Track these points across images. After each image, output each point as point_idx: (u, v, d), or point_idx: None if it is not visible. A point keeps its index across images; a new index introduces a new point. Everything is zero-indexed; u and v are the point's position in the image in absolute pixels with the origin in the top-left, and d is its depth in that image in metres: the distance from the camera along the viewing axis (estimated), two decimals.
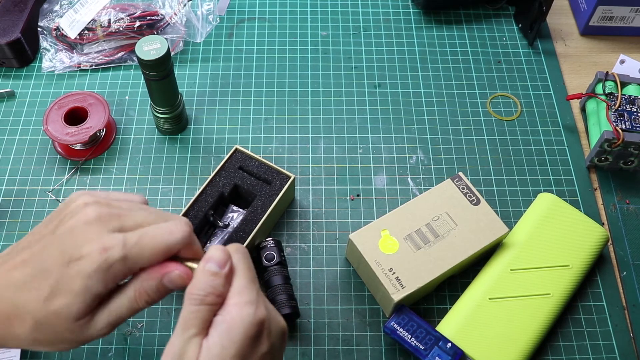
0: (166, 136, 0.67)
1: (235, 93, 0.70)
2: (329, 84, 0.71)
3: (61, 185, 0.63)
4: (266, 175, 0.58)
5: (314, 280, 0.57)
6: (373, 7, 0.79)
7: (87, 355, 0.53)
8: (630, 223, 0.62)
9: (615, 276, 0.59)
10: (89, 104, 0.64)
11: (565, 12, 0.81)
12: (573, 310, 0.57)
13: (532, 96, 0.71)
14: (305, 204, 0.62)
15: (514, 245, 0.57)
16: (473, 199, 0.57)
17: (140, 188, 0.63)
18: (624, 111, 0.63)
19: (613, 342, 0.55)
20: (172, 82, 0.60)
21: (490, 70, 0.74)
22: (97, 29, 0.70)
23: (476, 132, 0.68)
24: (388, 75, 0.73)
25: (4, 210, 0.61)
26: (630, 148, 0.62)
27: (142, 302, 0.38)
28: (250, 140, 0.67)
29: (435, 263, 0.53)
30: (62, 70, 0.71)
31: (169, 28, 0.72)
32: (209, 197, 0.57)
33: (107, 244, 0.36)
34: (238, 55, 0.74)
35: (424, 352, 0.50)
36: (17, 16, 0.70)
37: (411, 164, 0.65)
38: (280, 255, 0.55)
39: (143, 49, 0.56)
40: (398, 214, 0.56)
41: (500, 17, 0.79)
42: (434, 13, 0.79)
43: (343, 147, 0.66)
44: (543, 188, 0.64)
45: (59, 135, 0.62)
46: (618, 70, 0.69)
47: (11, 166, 0.64)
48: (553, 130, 0.69)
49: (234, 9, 0.79)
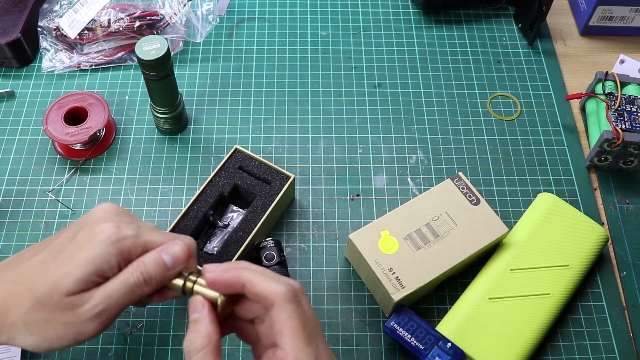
0: (166, 136, 0.67)
1: (235, 93, 0.70)
2: (329, 84, 0.71)
3: (61, 185, 0.63)
4: (266, 175, 0.58)
5: (313, 280, 0.57)
6: (373, 7, 0.79)
7: (87, 355, 0.53)
8: (630, 223, 0.62)
9: (615, 276, 0.59)
10: (89, 104, 0.64)
11: (565, 12, 0.81)
12: (573, 310, 0.57)
13: (532, 96, 0.71)
14: (305, 204, 0.62)
15: (514, 245, 0.57)
16: (473, 199, 0.57)
17: (140, 188, 0.63)
18: (624, 111, 0.64)
19: (613, 342, 0.55)
20: (172, 82, 0.60)
21: (490, 70, 0.74)
22: (97, 29, 0.70)
23: (476, 132, 0.68)
24: (388, 75, 0.73)
25: (3, 210, 0.61)
26: (630, 148, 0.62)
27: (137, 274, 0.38)
28: (250, 140, 0.67)
29: (435, 263, 0.53)
30: (62, 70, 0.71)
31: (169, 28, 0.72)
32: (208, 197, 0.57)
33: (122, 225, 0.38)
34: (238, 55, 0.74)
35: (424, 352, 0.50)
36: (17, 16, 0.70)
37: (411, 164, 0.65)
38: (280, 255, 0.55)
39: (143, 49, 0.56)
40: (398, 214, 0.56)
41: (500, 17, 0.79)
42: (434, 13, 0.79)
43: (343, 147, 0.66)
44: (543, 188, 0.64)
45: (59, 135, 0.62)
46: (618, 70, 0.69)
47: (11, 166, 0.64)
48: (553, 130, 0.69)
49: (234, 9, 0.79)
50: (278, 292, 0.36)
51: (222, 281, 0.38)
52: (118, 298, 0.38)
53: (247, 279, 0.37)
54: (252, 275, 0.37)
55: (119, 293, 0.38)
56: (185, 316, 0.55)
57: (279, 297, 0.36)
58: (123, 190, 0.62)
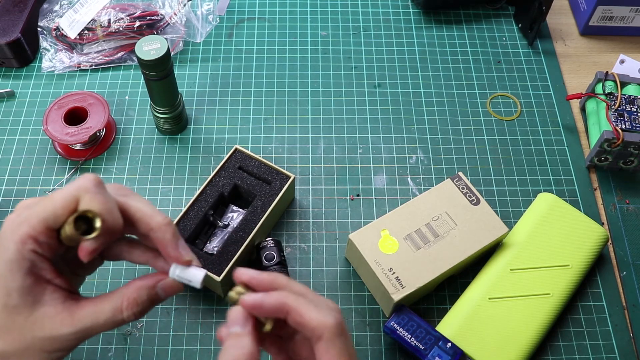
0: (166, 136, 0.67)
1: (235, 93, 0.70)
2: (329, 84, 0.71)
3: (61, 185, 0.63)
4: (266, 175, 0.58)
5: (314, 280, 0.57)
6: (373, 7, 0.79)
7: (87, 355, 0.53)
8: (630, 223, 0.62)
9: (615, 276, 0.59)
10: (89, 104, 0.64)
11: (565, 12, 0.81)
12: (573, 310, 0.57)
13: (532, 96, 0.71)
14: (305, 204, 0.62)
15: (514, 245, 0.57)
16: (473, 199, 0.57)
17: (140, 188, 0.63)
18: (624, 111, 0.64)
19: (613, 342, 0.55)
20: (172, 82, 0.60)
21: (490, 70, 0.74)
22: (97, 29, 0.70)
23: (476, 132, 0.68)
24: (388, 75, 0.73)
25: (3, 210, 0.61)
26: (630, 148, 0.62)
27: (128, 313, 0.37)
28: (250, 140, 0.67)
29: (435, 263, 0.53)
30: (62, 70, 0.71)
31: (169, 28, 0.72)
32: (209, 197, 0.57)
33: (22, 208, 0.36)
34: (238, 55, 0.74)
35: (424, 352, 0.50)
36: (17, 16, 0.70)
37: (411, 164, 0.65)
38: (280, 255, 0.55)
39: (143, 49, 0.56)
40: (398, 214, 0.56)
41: (500, 17, 0.79)
42: (434, 13, 0.79)
43: (343, 147, 0.66)
44: (543, 188, 0.64)
45: (59, 135, 0.62)
46: (618, 70, 0.69)
47: (11, 166, 0.64)
48: (553, 130, 0.69)
49: (234, 9, 0.79)
50: (327, 325, 0.35)
51: (265, 308, 0.36)
52: (100, 328, 0.37)
53: (293, 306, 0.35)
54: (297, 303, 0.35)
55: (104, 327, 0.37)
56: (185, 316, 0.55)
57: (328, 331, 0.35)
58: None
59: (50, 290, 0.37)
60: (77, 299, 0.37)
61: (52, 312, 0.36)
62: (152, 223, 0.37)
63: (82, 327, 0.36)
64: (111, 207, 0.36)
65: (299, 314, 0.35)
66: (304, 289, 0.37)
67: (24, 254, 0.35)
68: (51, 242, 0.36)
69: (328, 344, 0.35)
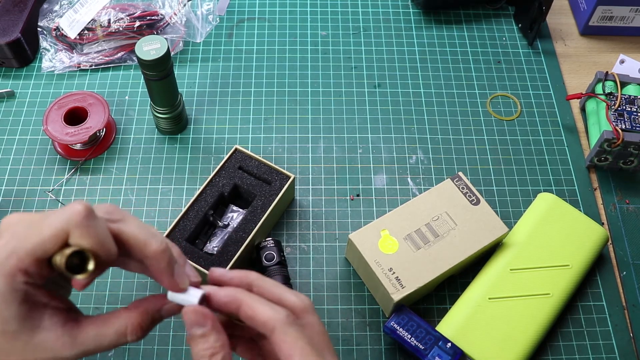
0: (166, 136, 0.67)
1: (235, 93, 0.70)
2: (329, 84, 0.71)
3: (61, 185, 0.63)
4: (266, 175, 0.58)
5: (313, 280, 0.57)
6: (373, 7, 0.79)
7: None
8: (630, 223, 0.62)
9: (615, 276, 0.59)
10: (89, 104, 0.64)
11: (565, 12, 0.81)
12: (573, 310, 0.57)
13: (532, 96, 0.71)
14: (305, 204, 0.62)
15: (514, 245, 0.57)
16: (473, 199, 0.57)
17: (140, 188, 0.63)
18: (624, 111, 0.64)
19: (613, 342, 0.55)
20: (172, 82, 0.60)
21: (490, 70, 0.74)
22: (97, 29, 0.70)
23: (476, 132, 0.68)
24: (388, 75, 0.73)
25: (3, 210, 0.61)
26: (630, 148, 0.62)
27: (132, 337, 0.36)
28: (250, 140, 0.67)
29: (435, 263, 0.53)
30: (62, 70, 0.71)
31: (169, 28, 0.72)
32: (208, 197, 0.57)
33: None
34: (238, 55, 0.74)
35: (424, 352, 0.50)
36: (17, 16, 0.70)
37: (411, 164, 0.65)
38: (280, 255, 0.55)
39: (143, 49, 0.56)
40: (398, 214, 0.56)
41: (500, 17, 0.79)
42: (434, 13, 0.79)
43: (343, 147, 0.66)
44: (543, 188, 0.64)
45: (59, 135, 0.62)
46: (618, 70, 0.69)
47: (11, 166, 0.64)
48: (553, 130, 0.69)
49: (234, 9, 0.79)
50: (277, 317, 0.35)
51: (215, 302, 0.36)
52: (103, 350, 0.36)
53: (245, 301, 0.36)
54: (248, 298, 0.36)
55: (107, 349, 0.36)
56: None
57: (279, 322, 0.35)
58: (123, 190, 0.62)
59: (49, 314, 0.36)
60: (77, 319, 0.37)
61: (52, 337, 0.35)
62: (145, 251, 0.36)
63: (84, 349, 0.36)
64: (103, 240, 0.34)
65: (250, 307, 0.36)
66: (271, 283, 0.38)
67: (14, 286, 0.34)
68: (42, 270, 0.35)
69: (280, 335, 0.35)
